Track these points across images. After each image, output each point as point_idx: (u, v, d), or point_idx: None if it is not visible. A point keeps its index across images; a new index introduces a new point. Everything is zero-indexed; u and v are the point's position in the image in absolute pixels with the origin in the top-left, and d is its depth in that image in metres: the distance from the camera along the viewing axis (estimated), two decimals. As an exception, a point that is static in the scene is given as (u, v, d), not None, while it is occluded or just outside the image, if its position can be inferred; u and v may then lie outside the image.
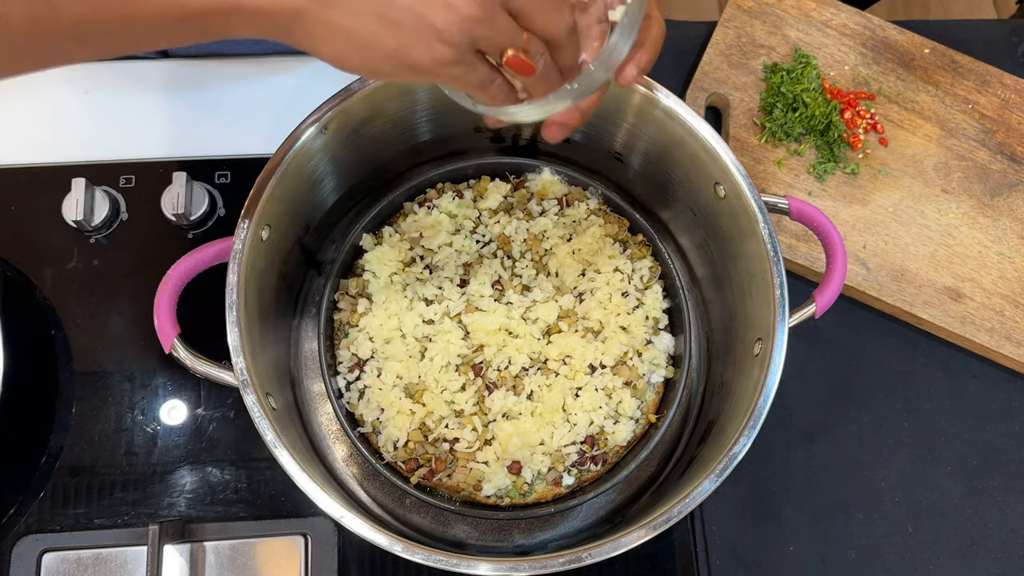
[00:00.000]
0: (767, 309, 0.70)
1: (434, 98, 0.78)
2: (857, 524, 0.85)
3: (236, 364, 0.65)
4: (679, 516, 0.64)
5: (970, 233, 0.93)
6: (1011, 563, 0.85)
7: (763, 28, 0.98)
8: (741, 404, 0.70)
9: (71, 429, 0.83)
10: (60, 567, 0.78)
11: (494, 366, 0.77)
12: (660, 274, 0.83)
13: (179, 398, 0.84)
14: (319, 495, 0.63)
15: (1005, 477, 0.88)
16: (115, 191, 0.89)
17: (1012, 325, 0.90)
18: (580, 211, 0.83)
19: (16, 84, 0.95)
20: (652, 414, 0.78)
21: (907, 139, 0.96)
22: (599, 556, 0.62)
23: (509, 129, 0.84)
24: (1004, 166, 0.96)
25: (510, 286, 0.80)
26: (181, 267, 0.68)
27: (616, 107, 0.77)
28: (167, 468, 0.82)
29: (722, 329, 0.82)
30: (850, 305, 0.92)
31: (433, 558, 0.62)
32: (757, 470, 0.86)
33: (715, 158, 0.73)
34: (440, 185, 0.84)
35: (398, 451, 0.75)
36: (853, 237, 0.91)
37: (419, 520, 0.80)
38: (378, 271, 0.79)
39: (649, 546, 0.66)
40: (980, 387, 0.91)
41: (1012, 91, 0.98)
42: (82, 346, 0.85)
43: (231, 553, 0.79)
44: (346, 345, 0.78)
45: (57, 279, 0.87)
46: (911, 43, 1.00)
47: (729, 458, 0.65)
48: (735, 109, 0.95)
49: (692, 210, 0.82)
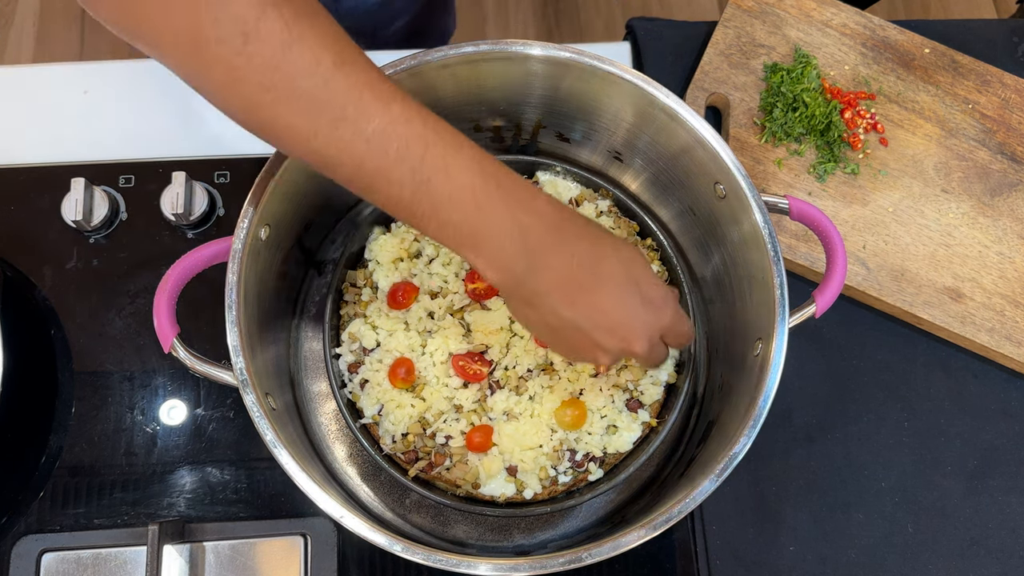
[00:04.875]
0: (767, 309, 0.70)
1: (434, 98, 0.78)
2: (857, 524, 0.85)
3: (235, 364, 0.65)
4: (679, 516, 0.64)
5: (970, 233, 0.93)
6: (1011, 563, 0.85)
7: (763, 28, 0.98)
8: (741, 404, 0.70)
9: (71, 429, 0.83)
10: (60, 567, 0.78)
11: (502, 365, 0.77)
12: (668, 279, 0.83)
13: (179, 398, 0.84)
14: (319, 495, 0.63)
15: (1005, 477, 0.88)
16: (114, 191, 0.89)
17: (1012, 325, 0.90)
18: (590, 212, 0.83)
19: (16, 84, 0.95)
20: (653, 418, 0.78)
21: (907, 139, 0.96)
22: (599, 556, 0.62)
23: (509, 129, 0.84)
24: (1004, 166, 0.96)
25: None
26: (180, 267, 0.68)
27: (616, 107, 0.77)
28: (167, 468, 0.82)
29: (722, 329, 0.82)
30: (850, 305, 0.92)
31: (433, 558, 0.62)
32: (757, 470, 0.86)
33: (715, 158, 0.73)
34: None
35: (397, 443, 0.75)
36: (853, 237, 0.91)
37: (419, 520, 0.80)
38: (381, 258, 0.80)
39: (649, 546, 0.66)
40: (980, 387, 0.91)
41: (1012, 91, 0.98)
42: (82, 346, 0.85)
43: (231, 553, 0.79)
44: (350, 335, 0.78)
45: (57, 279, 0.87)
46: (911, 43, 1.00)
47: (729, 458, 0.65)
48: (735, 109, 0.95)
49: (692, 210, 0.82)
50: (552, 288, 0.58)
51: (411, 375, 0.76)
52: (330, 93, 0.51)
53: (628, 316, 0.60)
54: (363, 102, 0.52)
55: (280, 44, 0.49)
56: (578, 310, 0.59)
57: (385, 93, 0.53)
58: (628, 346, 0.61)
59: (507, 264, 0.57)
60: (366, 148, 0.52)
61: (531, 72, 0.76)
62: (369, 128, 0.52)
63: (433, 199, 0.54)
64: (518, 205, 0.57)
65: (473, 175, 0.55)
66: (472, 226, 0.56)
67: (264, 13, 0.48)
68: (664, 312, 0.62)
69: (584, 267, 0.58)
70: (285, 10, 0.49)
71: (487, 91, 0.78)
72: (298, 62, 0.50)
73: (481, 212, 0.55)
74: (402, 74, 0.72)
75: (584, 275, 0.58)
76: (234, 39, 0.48)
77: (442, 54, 0.72)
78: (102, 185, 0.88)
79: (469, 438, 0.75)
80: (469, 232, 0.56)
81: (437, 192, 0.54)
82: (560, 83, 0.77)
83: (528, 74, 0.76)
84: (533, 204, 0.58)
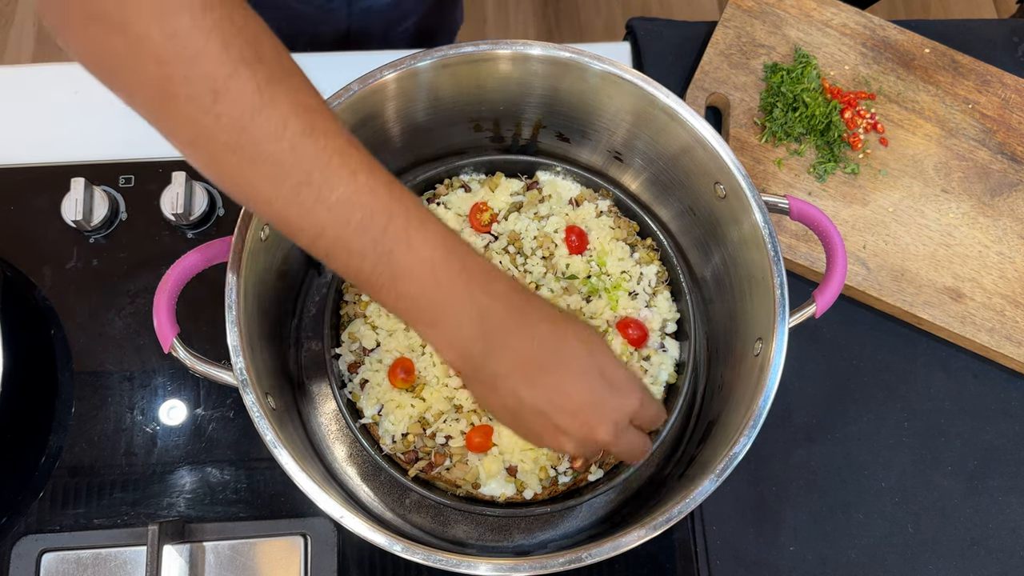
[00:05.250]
0: (767, 309, 0.70)
1: (434, 98, 0.78)
2: (857, 524, 0.85)
3: (235, 364, 0.65)
4: (679, 516, 0.64)
5: (970, 233, 0.93)
6: (1011, 563, 0.85)
7: (763, 28, 0.98)
8: (741, 404, 0.70)
9: (70, 429, 0.83)
10: (60, 567, 0.78)
11: None
12: (667, 279, 0.83)
13: (178, 398, 0.84)
14: (319, 495, 0.63)
15: (1005, 477, 0.88)
16: (114, 191, 0.89)
17: (1012, 325, 0.90)
18: (590, 212, 0.83)
19: (16, 84, 0.95)
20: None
21: (907, 139, 0.96)
22: (599, 556, 0.62)
23: (509, 128, 0.84)
24: (1004, 166, 0.96)
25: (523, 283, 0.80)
26: (180, 267, 0.68)
27: (616, 107, 0.77)
28: (167, 468, 0.82)
29: (722, 329, 0.82)
30: (850, 305, 0.92)
31: (433, 558, 0.62)
32: (757, 470, 0.86)
33: (715, 158, 0.73)
34: (448, 181, 0.84)
35: (397, 444, 0.75)
36: (853, 237, 0.91)
37: (419, 520, 0.80)
38: None
39: (649, 546, 0.66)
40: (980, 387, 0.91)
41: (1012, 91, 0.98)
42: (81, 346, 0.85)
43: (231, 553, 0.79)
44: (350, 335, 0.78)
45: (56, 279, 0.87)
46: (911, 43, 1.00)
47: (729, 458, 0.65)
48: (735, 109, 0.95)
49: (692, 210, 0.82)
50: (512, 369, 0.56)
51: (411, 375, 0.76)
52: (296, 158, 0.50)
53: (591, 399, 0.57)
54: (329, 169, 0.50)
55: (249, 107, 0.48)
56: (539, 392, 0.56)
57: (353, 161, 0.52)
58: (591, 432, 0.58)
59: (464, 345, 0.55)
60: (328, 216, 0.51)
61: (531, 72, 0.76)
62: (332, 196, 0.51)
63: (393, 271, 0.53)
64: (479, 285, 0.55)
65: (435, 250, 0.53)
66: (430, 302, 0.54)
67: (236, 72, 0.47)
68: (629, 397, 0.59)
69: (546, 348, 0.56)
70: (259, 72, 0.48)
71: (487, 91, 0.78)
72: (265, 126, 0.49)
73: (440, 288, 0.54)
74: (402, 73, 0.72)
75: (545, 356, 0.56)
76: (203, 98, 0.47)
77: (442, 54, 0.72)
78: (102, 185, 0.88)
79: (469, 438, 0.75)
80: (427, 307, 0.55)
81: (397, 264, 0.53)
82: (560, 83, 0.77)
83: (528, 74, 0.76)
84: (494, 285, 0.56)
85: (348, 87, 0.71)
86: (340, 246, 0.52)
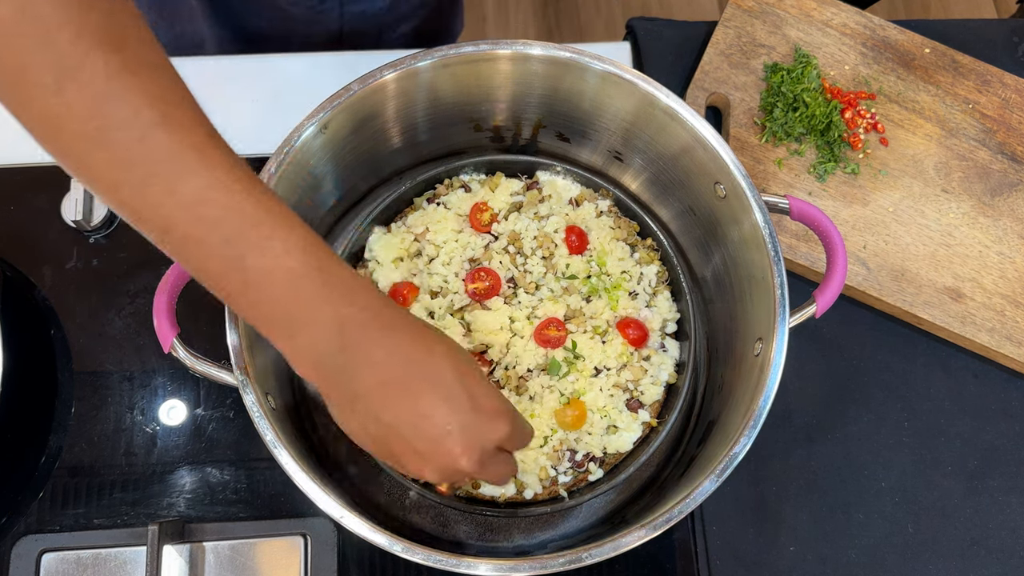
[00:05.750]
0: (767, 309, 0.70)
1: (434, 98, 0.78)
2: (857, 524, 0.85)
3: (235, 364, 0.65)
4: (679, 516, 0.64)
5: (970, 233, 0.93)
6: (1011, 563, 0.85)
7: (763, 28, 0.98)
8: (741, 404, 0.70)
9: (70, 429, 0.83)
10: (59, 567, 0.78)
11: (502, 365, 0.77)
12: (667, 279, 0.83)
13: (178, 398, 0.84)
14: (319, 495, 0.63)
15: (1005, 477, 0.88)
16: (114, 191, 0.89)
17: (1012, 325, 0.90)
18: (590, 212, 0.83)
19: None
20: (653, 418, 0.78)
21: (907, 139, 0.96)
22: (599, 556, 0.62)
23: (509, 128, 0.84)
24: (1005, 166, 0.96)
25: (523, 283, 0.80)
26: (180, 267, 0.67)
27: (616, 107, 0.77)
28: (166, 468, 0.82)
29: (722, 329, 0.82)
30: (850, 305, 0.92)
31: (433, 558, 0.62)
32: (757, 470, 0.86)
33: (715, 158, 0.73)
34: (448, 181, 0.84)
35: None
36: (853, 237, 0.91)
37: (419, 520, 0.80)
38: (381, 257, 0.80)
39: (649, 546, 0.66)
40: (980, 387, 0.91)
41: (1012, 91, 0.98)
42: (81, 346, 0.85)
43: (231, 553, 0.79)
44: None
45: (56, 279, 0.87)
46: (911, 43, 0.99)
47: (729, 458, 0.65)
48: (735, 109, 0.95)
49: (692, 210, 0.82)
50: (372, 389, 0.53)
51: (411, 375, 0.76)
52: (145, 148, 0.47)
53: (455, 425, 0.54)
54: (182, 163, 0.48)
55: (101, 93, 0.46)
56: (400, 415, 0.53)
57: (214, 158, 0.49)
58: (454, 461, 0.54)
59: (321, 359, 0.52)
60: (177, 211, 0.48)
61: (531, 72, 0.76)
62: (183, 190, 0.48)
63: (245, 276, 0.50)
64: (341, 296, 0.52)
65: (293, 257, 0.50)
66: (285, 311, 0.51)
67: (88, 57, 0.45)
68: (497, 422, 0.56)
69: (412, 366, 0.53)
70: (112, 59, 0.46)
71: (487, 91, 0.78)
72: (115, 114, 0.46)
73: (296, 298, 0.51)
74: (402, 73, 0.72)
75: (410, 376, 0.53)
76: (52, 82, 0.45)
77: (442, 54, 0.72)
78: (102, 185, 0.88)
79: (469, 438, 0.75)
80: (282, 317, 0.51)
81: (250, 269, 0.50)
82: (560, 83, 0.77)
83: (528, 74, 0.76)
84: (359, 296, 0.53)
85: (348, 87, 0.71)
86: (190, 243, 0.50)
